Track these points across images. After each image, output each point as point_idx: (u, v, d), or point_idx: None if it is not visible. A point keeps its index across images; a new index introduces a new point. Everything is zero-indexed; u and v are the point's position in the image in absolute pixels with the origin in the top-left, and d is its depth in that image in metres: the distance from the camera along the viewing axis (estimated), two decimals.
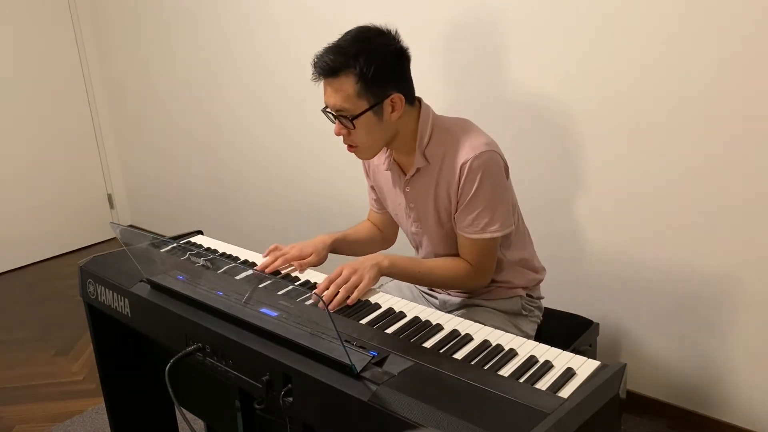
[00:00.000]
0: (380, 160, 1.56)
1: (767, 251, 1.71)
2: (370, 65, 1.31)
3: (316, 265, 1.52)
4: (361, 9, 2.38)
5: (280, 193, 3.06)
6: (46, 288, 3.48)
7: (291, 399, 1.09)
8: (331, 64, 1.33)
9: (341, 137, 1.42)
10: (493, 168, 1.39)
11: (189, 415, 1.76)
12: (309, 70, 1.38)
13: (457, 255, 1.50)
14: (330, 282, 1.33)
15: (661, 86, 1.77)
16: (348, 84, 1.32)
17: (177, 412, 1.88)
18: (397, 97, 1.37)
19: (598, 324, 1.75)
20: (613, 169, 1.92)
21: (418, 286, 1.69)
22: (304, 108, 2.77)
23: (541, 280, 1.65)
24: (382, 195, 1.63)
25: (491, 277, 1.51)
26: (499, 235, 1.43)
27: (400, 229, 1.74)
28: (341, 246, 1.61)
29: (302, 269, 1.50)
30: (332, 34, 1.42)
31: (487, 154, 1.38)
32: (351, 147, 1.43)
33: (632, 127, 1.85)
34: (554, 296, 1.84)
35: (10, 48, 3.58)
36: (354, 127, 1.36)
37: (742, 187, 1.71)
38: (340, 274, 1.34)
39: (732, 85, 1.65)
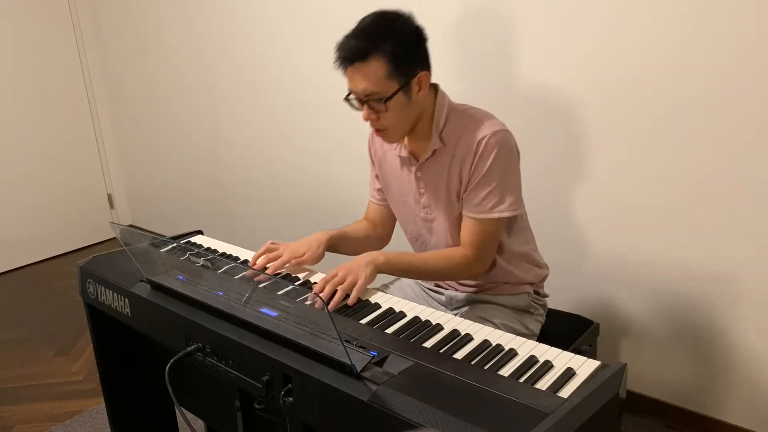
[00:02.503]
0: (391, 145, 1.57)
1: (767, 251, 1.71)
2: (397, 45, 1.33)
3: (310, 263, 1.50)
4: (362, 4, 2.37)
5: (280, 193, 3.06)
6: (46, 288, 3.48)
7: (291, 399, 1.09)
8: (361, 47, 1.33)
9: (368, 123, 1.43)
10: (508, 148, 1.42)
11: (189, 415, 1.76)
12: (309, 69, 1.38)
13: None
14: (326, 282, 1.33)
15: (661, 87, 1.77)
16: (378, 66, 1.33)
17: (177, 412, 1.88)
18: (424, 75, 1.39)
19: (598, 324, 1.75)
20: (614, 169, 1.92)
21: (421, 283, 1.69)
22: (304, 107, 2.77)
23: (546, 276, 1.65)
24: (387, 184, 1.63)
25: (489, 263, 1.51)
26: (506, 216, 1.43)
27: (396, 226, 1.74)
28: (339, 243, 1.60)
29: (296, 269, 1.49)
30: (332, 33, 1.41)
31: (504, 134, 1.41)
32: (379, 131, 1.44)
33: (632, 128, 1.85)
34: (554, 296, 1.83)
35: (10, 48, 3.58)
36: (386, 109, 1.37)
37: (742, 187, 1.71)
38: (336, 275, 1.34)
39: (733, 85, 1.65)
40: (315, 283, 1.43)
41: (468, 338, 1.14)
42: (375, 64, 1.33)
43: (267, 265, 1.47)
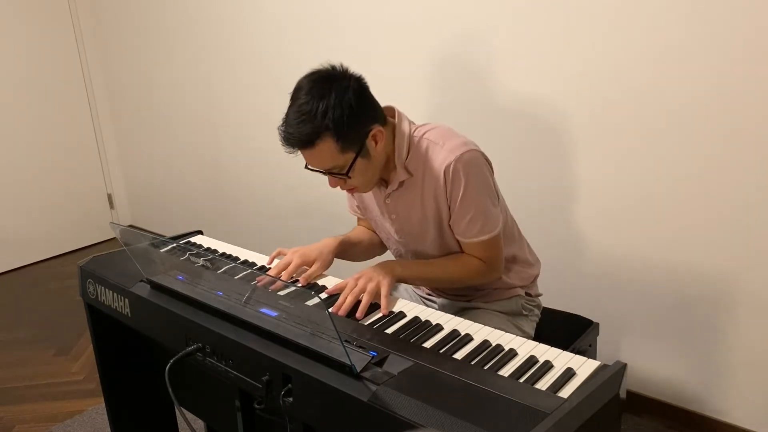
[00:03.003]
0: None
1: (767, 251, 1.71)
2: (341, 117, 1.26)
3: (320, 271, 1.47)
4: (361, 10, 2.38)
5: (280, 192, 3.06)
6: (46, 288, 3.48)
7: (291, 399, 1.09)
8: (304, 136, 1.27)
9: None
10: (476, 167, 1.37)
11: (189, 415, 1.76)
12: (308, 69, 1.37)
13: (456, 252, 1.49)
14: (350, 291, 1.31)
15: (658, 87, 1.77)
16: (328, 146, 1.28)
17: (177, 412, 1.88)
18: (377, 130, 1.34)
19: (598, 324, 1.75)
20: (614, 169, 1.92)
21: (417, 291, 1.68)
22: None
23: (536, 275, 1.64)
24: (363, 203, 1.60)
25: (503, 268, 1.50)
26: (494, 234, 1.42)
27: None
28: (347, 249, 1.58)
29: (306, 281, 1.45)
30: (331, 36, 1.41)
31: (468, 154, 1.36)
32: (351, 190, 1.42)
33: (631, 128, 1.85)
34: (554, 296, 1.83)
35: (11, 49, 3.58)
36: (350, 177, 1.35)
37: (741, 188, 1.71)
38: (356, 285, 1.32)
39: (730, 86, 1.65)
40: (315, 283, 1.43)
41: (468, 338, 1.14)
42: (323, 147, 1.28)
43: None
